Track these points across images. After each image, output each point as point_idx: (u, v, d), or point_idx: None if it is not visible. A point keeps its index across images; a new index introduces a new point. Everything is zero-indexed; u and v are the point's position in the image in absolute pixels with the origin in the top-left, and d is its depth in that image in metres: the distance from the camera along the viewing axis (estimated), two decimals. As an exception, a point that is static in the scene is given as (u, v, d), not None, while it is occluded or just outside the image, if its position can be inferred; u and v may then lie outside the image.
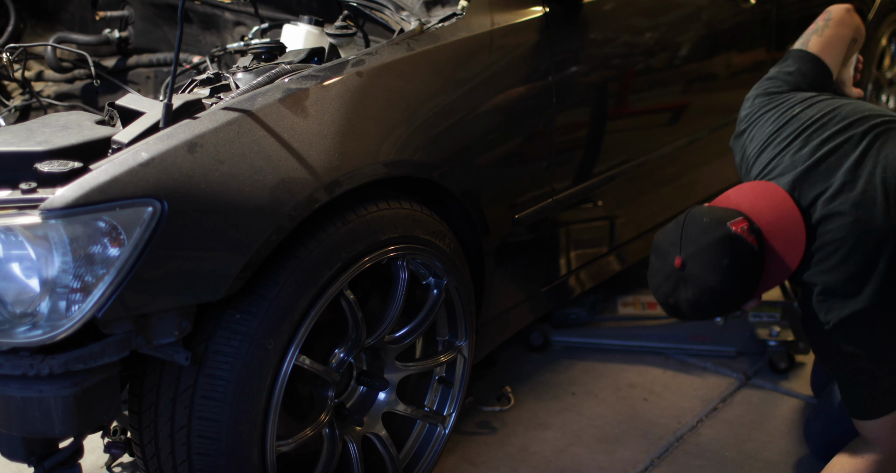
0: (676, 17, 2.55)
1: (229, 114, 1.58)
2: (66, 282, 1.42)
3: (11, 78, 2.43)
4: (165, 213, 1.46)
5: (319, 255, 1.69)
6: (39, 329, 1.43)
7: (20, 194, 1.45)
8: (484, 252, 2.08)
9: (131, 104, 1.68)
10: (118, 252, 1.43)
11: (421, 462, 2.11)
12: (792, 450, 2.33)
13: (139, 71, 2.54)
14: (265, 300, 1.63)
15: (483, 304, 2.16)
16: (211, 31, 2.44)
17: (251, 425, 1.65)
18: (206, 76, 1.77)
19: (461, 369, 2.14)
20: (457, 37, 1.94)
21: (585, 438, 2.36)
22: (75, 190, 1.41)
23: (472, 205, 1.99)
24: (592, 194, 2.36)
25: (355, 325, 1.83)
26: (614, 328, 2.74)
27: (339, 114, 1.70)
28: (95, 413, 1.51)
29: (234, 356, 1.62)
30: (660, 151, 2.58)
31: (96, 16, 2.54)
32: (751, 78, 2.89)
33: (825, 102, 2.03)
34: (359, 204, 1.78)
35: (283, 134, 1.61)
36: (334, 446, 1.89)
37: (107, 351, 1.48)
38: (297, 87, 1.68)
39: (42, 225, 1.40)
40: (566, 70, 2.16)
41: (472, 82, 1.96)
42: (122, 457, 2.17)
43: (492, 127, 2.00)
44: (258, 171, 1.56)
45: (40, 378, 1.45)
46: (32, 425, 1.48)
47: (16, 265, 1.43)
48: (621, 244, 2.61)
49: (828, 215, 1.86)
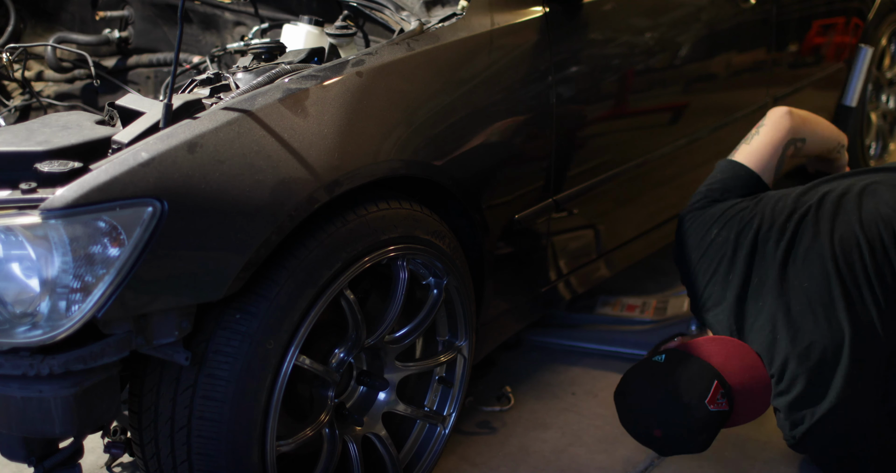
0: (676, 17, 2.55)
1: (229, 114, 1.58)
2: (66, 282, 1.41)
3: (11, 78, 2.43)
4: (165, 213, 1.45)
5: (319, 255, 1.69)
6: (39, 329, 1.43)
7: (20, 194, 1.44)
8: (483, 252, 2.08)
9: (131, 104, 1.67)
10: (118, 252, 1.43)
11: (421, 462, 2.11)
12: (792, 451, 2.32)
13: (139, 71, 2.54)
14: (265, 300, 1.63)
15: (483, 304, 2.16)
16: (211, 31, 2.44)
17: (251, 425, 1.65)
18: (206, 76, 1.77)
19: (461, 369, 2.14)
20: (457, 37, 1.94)
21: (585, 438, 2.35)
22: (75, 190, 1.41)
23: (472, 204, 1.99)
24: (593, 193, 2.36)
25: (355, 325, 1.83)
26: (593, 331, 2.73)
27: (339, 114, 1.70)
28: (96, 413, 1.51)
29: (234, 356, 1.62)
30: (660, 150, 2.57)
31: (96, 16, 2.54)
32: (751, 78, 2.91)
33: (740, 214, 2.09)
34: (359, 204, 1.77)
35: (283, 134, 1.61)
36: (334, 446, 1.89)
37: (107, 351, 1.47)
38: (297, 87, 1.68)
39: (42, 225, 1.40)
40: (566, 70, 2.16)
41: (472, 82, 1.96)
42: (122, 457, 2.17)
43: (492, 127, 2.00)
44: (258, 171, 1.56)
45: (40, 378, 1.45)
46: (32, 425, 1.48)
47: (16, 265, 1.43)
48: (621, 244, 2.61)
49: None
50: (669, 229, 2.77)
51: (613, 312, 2.75)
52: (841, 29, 3.39)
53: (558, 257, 2.36)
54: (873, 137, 3.88)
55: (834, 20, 3.34)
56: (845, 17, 3.41)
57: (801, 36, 3.13)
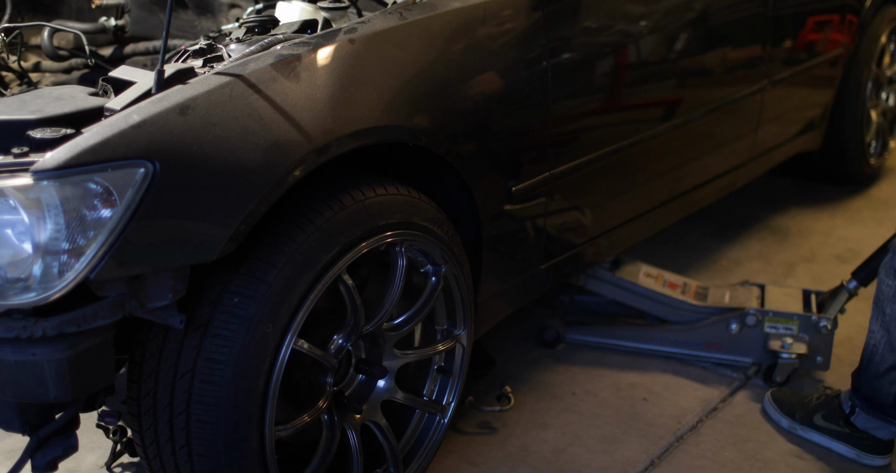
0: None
1: (221, 78, 1.58)
2: (58, 243, 1.41)
3: (8, 68, 2.44)
4: (157, 174, 1.45)
5: (317, 239, 1.69)
6: (32, 292, 1.43)
7: (12, 158, 1.45)
8: (481, 223, 2.07)
9: (124, 75, 1.68)
10: (110, 213, 1.43)
11: (420, 451, 2.10)
12: (792, 450, 2.31)
13: (136, 59, 2.53)
14: (263, 283, 1.63)
15: (481, 280, 2.15)
16: (206, 16, 2.45)
17: (250, 409, 1.65)
18: (198, 47, 1.77)
19: (460, 358, 2.13)
20: (450, 7, 1.94)
21: (585, 438, 2.34)
22: (66, 152, 1.41)
23: (467, 174, 1.98)
24: (592, 168, 2.34)
25: (353, 310, 1.83)
26: (629, 329, 2.71)
27: (331, 79, 1.71)
28: (89, 378, 1.50)
29: (232, 339, 1.62)
30: (661, 126, 2.56)
31: (92, 4, 2.54)
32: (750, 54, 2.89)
33: None
34: (356, 188, 1.78)
35: (275, 97, 1.61)
36: (333, 433, 1.89)
37: (100, 314, 1.47)
38: (290, 52, 1.68)
39: (34, 187, 1.40)
40: (561, 38, 2.15)
41: (467, 51, 1.95)
42: (123, 457, 2.16)
43: (486, 95, 2.00)
44: (250, 133, 1.56)
45: (33, 341, 1.44)
46: (26, 389, 1.47)
47: (8, 228, 1.42)
48: (622, 223, 2.60)
49: None
50: (666, 211, 2.77)
51: (656, 285, 2.73)
52: (836, 26, 3.38)
53: (558, 232, 2.34)
54: (873, 134, 3.88)
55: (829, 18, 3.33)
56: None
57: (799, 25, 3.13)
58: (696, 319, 2.67)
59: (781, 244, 3.42)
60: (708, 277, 3.14)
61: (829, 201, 3.79)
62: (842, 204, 3.77)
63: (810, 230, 3.54)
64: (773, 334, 2.58)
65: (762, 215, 3.65)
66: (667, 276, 2.79)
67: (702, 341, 2.65)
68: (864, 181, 3.93)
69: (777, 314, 2.58)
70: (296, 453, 1.96)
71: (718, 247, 3.38)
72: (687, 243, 3.39)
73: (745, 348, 2.62)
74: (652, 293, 2.70)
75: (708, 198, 3.01)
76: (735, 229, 3.52)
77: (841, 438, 2.28)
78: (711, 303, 2.70)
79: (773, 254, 3.34)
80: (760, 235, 3.49)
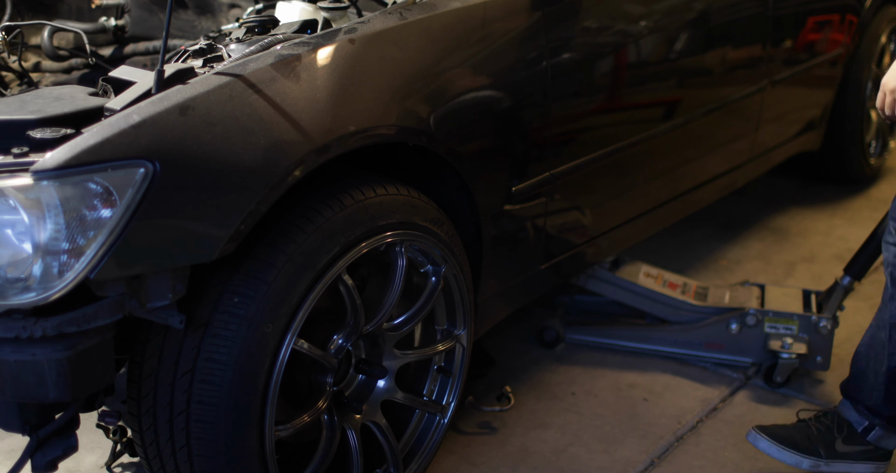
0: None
1: (221, 78, 1.59)
2: (58, 243, 1.42)
3: (8, 67, 2.44)
4: (157, 174, 1.46)
5: (317, 239, 1.69)
6: (32, 292, 1.43)
7: (12, 158, 1.45)
8: (481, 223, 2.07)
9: (124, 75, 1.68)
10: (110, 213, 1.43)
11: (420, 451, 2.10)
12: None
13: (136, 59, 2.53)
14: (263, 283, 1.63)
15: (481, 280, 2.15)
16: (206, 16, 2.45)
17: (250, 409, 1.65)
18: (198, 47, 1.78)
19: (460, 358, 2.13)
20: (450, 7, 1.94)
21: (585, 438, 2.34)
22: (66, 151, 1.41)
23: (467, 174, 1.98)
24: (592, 167, 2.34)
25: (353, 310, 1.83)
26: (629, 329, 2.71)
27: (331, 79, 1.71)
28: (89, 378, 1.50)
29: (232, 339, 1.62)
30: (661, 126, 2.56)
31: (92, 4, 2.54)
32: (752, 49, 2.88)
33: None
34: (356, 189, 1.78)
35: (275, 97, 1.61)
36: (333, 433, 1.89)
37: (100, 314, 1.47)
38: (290, 52, 1.69)
39: (34, 187, 1.40)
40: (561, 38, 2.15)
41: (466, 51, 1.96)
42: (123, 457, 2.17)
43: (486, 95, 2.00)
44: (250, 133, 1.57)
45: (33, 341, 1.44)
46: (26, 390, 1.47)
47: (8, 228, 1.43)
48: (622, 223, 2.60)
49: None
50: (666, 211, 2.77)
51: (656, 285, 2.73)
52: (836, 26, 3.38)
53: (558, 232, 2.35)
54: (873, 134, 3.88)
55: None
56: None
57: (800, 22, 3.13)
58: (696, 319, 2.68)
59: (781, 244, 3.42)
60: (708, 277, 3.14)
61: (829, 201, 3.79)
62: (842, 204, 3.77)
63: (810, 230, 3.54)
64: (773, 334, 2.58)
65: (762, 215, 3.65)
66: (667, 276, 2.79)
67: (702, 341, 2.65)
68: (864, 181, 3.93)
69: (777, 314, 2.59)
70: (296, 453, 1.97)
71: (718, 247, 3.38)
72: (687, 243, 3.39)
73: (745, 348, 2.62)
74: (652, 293, 2.70)
75: (708, 198, 3.02)
76: (735, 229, 3.52)
77: (864, 457, 2.16)
78: (711, 303, 2.71)
79: (773, 254, 3.34)
80: (760, 235, 3.49)
